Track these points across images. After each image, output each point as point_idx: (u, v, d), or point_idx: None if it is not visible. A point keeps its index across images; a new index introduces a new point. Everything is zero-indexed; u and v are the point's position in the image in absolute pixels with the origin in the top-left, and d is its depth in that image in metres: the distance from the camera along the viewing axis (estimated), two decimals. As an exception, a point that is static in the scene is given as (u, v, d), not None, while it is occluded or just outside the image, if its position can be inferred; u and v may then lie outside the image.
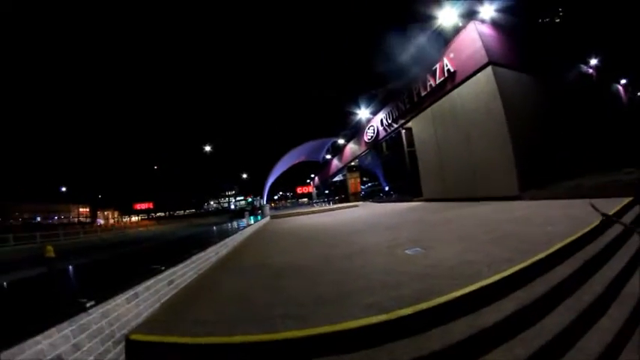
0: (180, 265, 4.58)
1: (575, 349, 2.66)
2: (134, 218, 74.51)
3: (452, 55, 13.29)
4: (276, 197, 79.65)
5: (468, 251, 4.79)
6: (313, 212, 22.88)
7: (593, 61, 20.74)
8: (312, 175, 55.71)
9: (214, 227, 15.02)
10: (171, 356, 2.74)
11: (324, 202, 40.13)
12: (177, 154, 76.81)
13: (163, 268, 4.06)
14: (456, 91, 13.41)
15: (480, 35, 11.71)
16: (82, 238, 29.72)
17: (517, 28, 13.31)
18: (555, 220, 5.89)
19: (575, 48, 18.47)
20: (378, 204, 24.36)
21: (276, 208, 38.96)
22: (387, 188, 33.77)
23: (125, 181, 73.45)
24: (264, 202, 35.79)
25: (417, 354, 2.37)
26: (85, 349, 2.50)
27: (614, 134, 18.24)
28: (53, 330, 2.30)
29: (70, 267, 6.05)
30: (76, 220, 57.26)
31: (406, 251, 5.54)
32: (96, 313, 2.71)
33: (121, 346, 2.86)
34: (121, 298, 3.05)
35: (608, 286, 3.15)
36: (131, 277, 3.52)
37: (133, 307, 3.17)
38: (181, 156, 76.32)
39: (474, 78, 12.17)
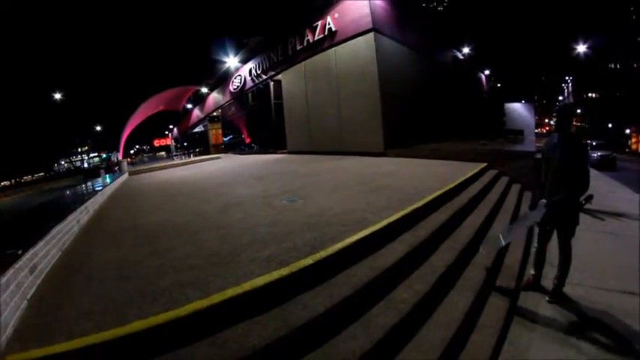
0: (41, 243, 3.39)
1: (462, 279, 3.03)
2: (-26, 194, 53.23)
3: (336, 15, 13.07)
4: (132, 152, 70.01)
5: (347, 200, 4.75)
6: (174, 165, 20.76)
7: (466, 50, 23.89)
8: (171, 127, 49.70)
9: (68, 191, 12.11)
10: None
11: (183, 154, 36.62)
12: (16, 104, 55.27)
13: (20, 251, 2.88)
14: (333, 49, 13.36)
15: (370, 2, 11.69)
16: None
17: (404, 6, 13.99)
18: (421, 175, 6.54)
19: (453, 36, 21.03)
20: (241, 155, 23.47)
21: (133, 164, 33.67)
22: (248, 140, 32.89)
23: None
24: (121, 158, 30.16)
25: (330, 302, 2.25)
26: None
27: (474, 113, 22.29)
28: None
29: None
30: None
31: (284, 201, 5.20)
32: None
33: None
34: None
35: (477, 231, 3.48)
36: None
37: (-9, 318, 2.19)
38: (23, 107, 55.47)
39: (355, 40, 12.28)
